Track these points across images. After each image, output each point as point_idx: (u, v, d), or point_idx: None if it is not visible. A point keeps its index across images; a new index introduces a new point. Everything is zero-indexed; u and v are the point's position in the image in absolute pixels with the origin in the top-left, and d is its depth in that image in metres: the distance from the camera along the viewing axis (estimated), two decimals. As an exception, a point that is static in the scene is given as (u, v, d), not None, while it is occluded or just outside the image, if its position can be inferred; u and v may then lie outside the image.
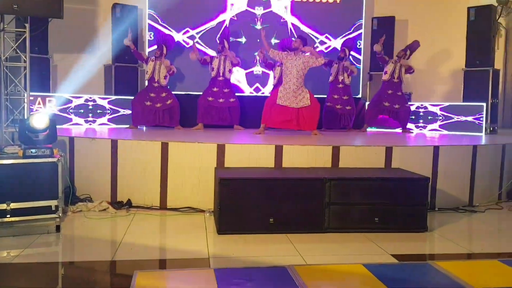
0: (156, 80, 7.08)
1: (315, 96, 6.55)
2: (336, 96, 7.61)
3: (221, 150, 4.77)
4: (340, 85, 7.59)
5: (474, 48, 7.64)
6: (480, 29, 7.60)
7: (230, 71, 7.29)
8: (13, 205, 3.83)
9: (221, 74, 7.23)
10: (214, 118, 7.29)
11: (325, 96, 7.69)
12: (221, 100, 7.24)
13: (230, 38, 7.58)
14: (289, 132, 6.57)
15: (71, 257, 3.63)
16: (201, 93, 7.41)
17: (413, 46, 7.52)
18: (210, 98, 7.23)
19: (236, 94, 7.53)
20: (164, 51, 7.15)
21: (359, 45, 8.29)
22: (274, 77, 7.46)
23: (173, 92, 7.35)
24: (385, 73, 7.49)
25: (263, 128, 6.45)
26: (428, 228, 4.15)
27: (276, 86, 7.19)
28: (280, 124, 6.46)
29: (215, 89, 7.26)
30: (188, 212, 4.65)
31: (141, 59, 7.29)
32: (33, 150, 4.00)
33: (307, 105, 6.35)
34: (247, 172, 4.45)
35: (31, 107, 5.77)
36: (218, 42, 7.49)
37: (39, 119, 4.06)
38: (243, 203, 3.99)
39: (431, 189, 4.83)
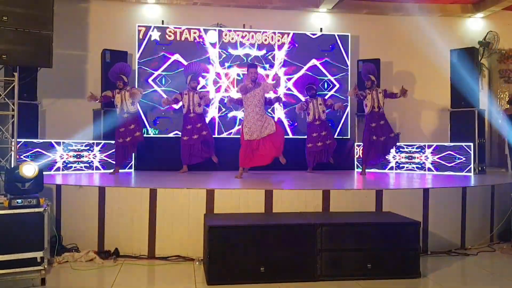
0: (125, 110, 6.84)
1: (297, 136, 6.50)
2: (315, 134, 7.63)
3: (210, 196, 4.72)
4: (317, 122, 7.62)
5: (459, 89, 7.80)
6: (464, 70, 7.78)
7: (199, 105, 7.24)
8: (-3, 258, 3.73)
9: (191, 111, 7.20)
10: (195, 156, 7.24)
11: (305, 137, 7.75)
12: (195, 137, 7.18)
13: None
14: (279, 174, 6.54)
15: (55, 312, 3.51)
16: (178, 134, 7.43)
17: (369, 69, 7.31)
18: (185, 138, 7.20)
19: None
20: (126, 79, 6.92)
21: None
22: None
23: (155, 135, 7.28)
24: (365, 106, 7.30)
25: (242, 171, 6.37)
26: (421, 274, 4.10)
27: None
28: (257, 162, 6.36)
29: (188, 127, 7.22)
30: (177, 261, 4.55)
31: (109, 99, 6.97)
32: (19, 200, 3.94)
33: (272, 132, 6.24)
34: (237, 218, 4.39)
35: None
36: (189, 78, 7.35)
37: (29, 169, 4.01)
38: (233, 251, 3.92)
39: (423, 232, 4.80)
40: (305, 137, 7.71)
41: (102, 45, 7.74)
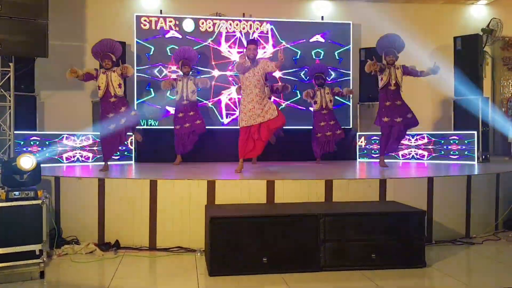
0: (112, 94, 5.96)
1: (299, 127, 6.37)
2: (323, 123, 7.49)
3: (211, 187, 4.65)
4: (324, 111, 7.48)
5: (463, 77, 7.71)
6: (468, 58, 7.72)
7: (193, 92, 7.00)
8: (-6, 251, 3.67)
9: (184, 98, 6.96)
10: (187, 146, 7.07)
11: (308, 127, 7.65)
12: (187, 125, 6.94)
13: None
14: (280, 165, 6.46)
15: (55, 305, 3.45)
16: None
17: (395, 42, 6.65)
18: (177, 127, 6.98)
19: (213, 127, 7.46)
20: (114, 59, 6.10)
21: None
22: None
23: (155, 127, 7.16)
24: (380, 80, 6.49)
25: (242, 164, 5.75)
26: (426, 264, 4.03)
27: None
28: (259, 150, 5.80)
29: (180, 115, 6.97)
30: (178, 252, 4.49)
31: (91, 78, 6.09)
32: (16, 193, 3.87)
33: (274, 117, 5.63)
34: (239, 209, 4.31)
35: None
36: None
37: (26, 161, 3.94)
38: (235, 242, 3.85)
39: (427, 221, 4.74)
40: (309, 127, 7.57)
41: (100, 36, 7.53)
